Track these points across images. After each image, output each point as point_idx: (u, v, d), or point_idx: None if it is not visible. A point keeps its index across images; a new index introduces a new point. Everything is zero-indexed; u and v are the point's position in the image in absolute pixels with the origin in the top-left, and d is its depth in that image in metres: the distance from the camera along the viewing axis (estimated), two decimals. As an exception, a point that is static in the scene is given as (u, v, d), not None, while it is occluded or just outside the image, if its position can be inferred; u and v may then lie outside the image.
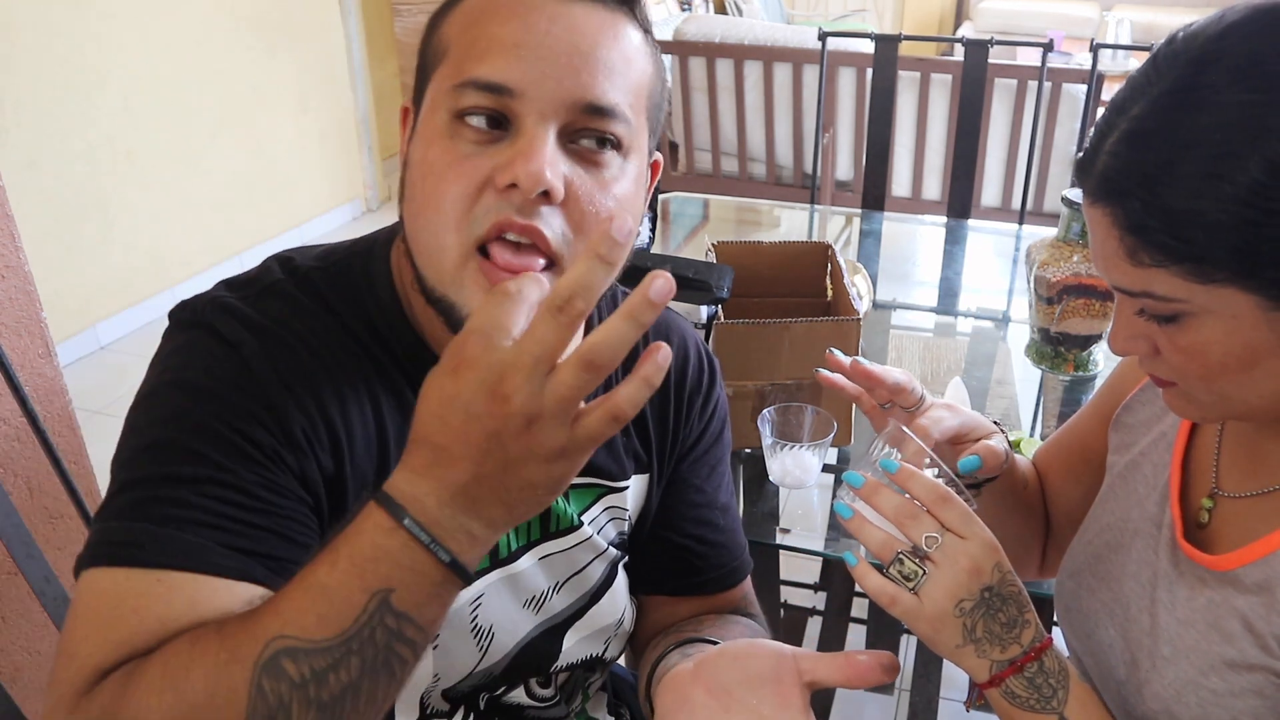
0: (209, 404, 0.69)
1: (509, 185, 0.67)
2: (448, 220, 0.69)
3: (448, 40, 0.72)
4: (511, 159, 0.67)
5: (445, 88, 0.70)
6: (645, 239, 1.77)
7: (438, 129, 0.70)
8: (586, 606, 0.89)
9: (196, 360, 0.71)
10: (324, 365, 0.73)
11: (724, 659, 0.74)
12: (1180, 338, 0.69)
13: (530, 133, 0.68)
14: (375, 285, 0.78)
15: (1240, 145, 0.61)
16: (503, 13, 0.69)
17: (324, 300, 0.76)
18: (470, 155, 0.68)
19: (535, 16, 0.68)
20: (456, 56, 0.70)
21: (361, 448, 0.74)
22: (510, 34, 0.68)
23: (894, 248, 2.27)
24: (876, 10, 6.63)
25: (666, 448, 0.93)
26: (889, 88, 2.30)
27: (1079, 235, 1.48)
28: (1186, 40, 0.66)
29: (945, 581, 0.73)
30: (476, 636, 0.82)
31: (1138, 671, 0.80)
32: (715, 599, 0.98)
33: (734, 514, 1.00)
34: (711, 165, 3.74)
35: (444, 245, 0.69)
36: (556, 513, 0.84)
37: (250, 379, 0.70)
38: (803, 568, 2.16)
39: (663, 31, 4.24)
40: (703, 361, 0.96)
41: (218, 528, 0.66)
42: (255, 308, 0.74)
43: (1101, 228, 0.69)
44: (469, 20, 0.71)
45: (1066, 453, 1.03)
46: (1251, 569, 0.74)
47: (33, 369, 1.40)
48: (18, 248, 1.36)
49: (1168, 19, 5.78)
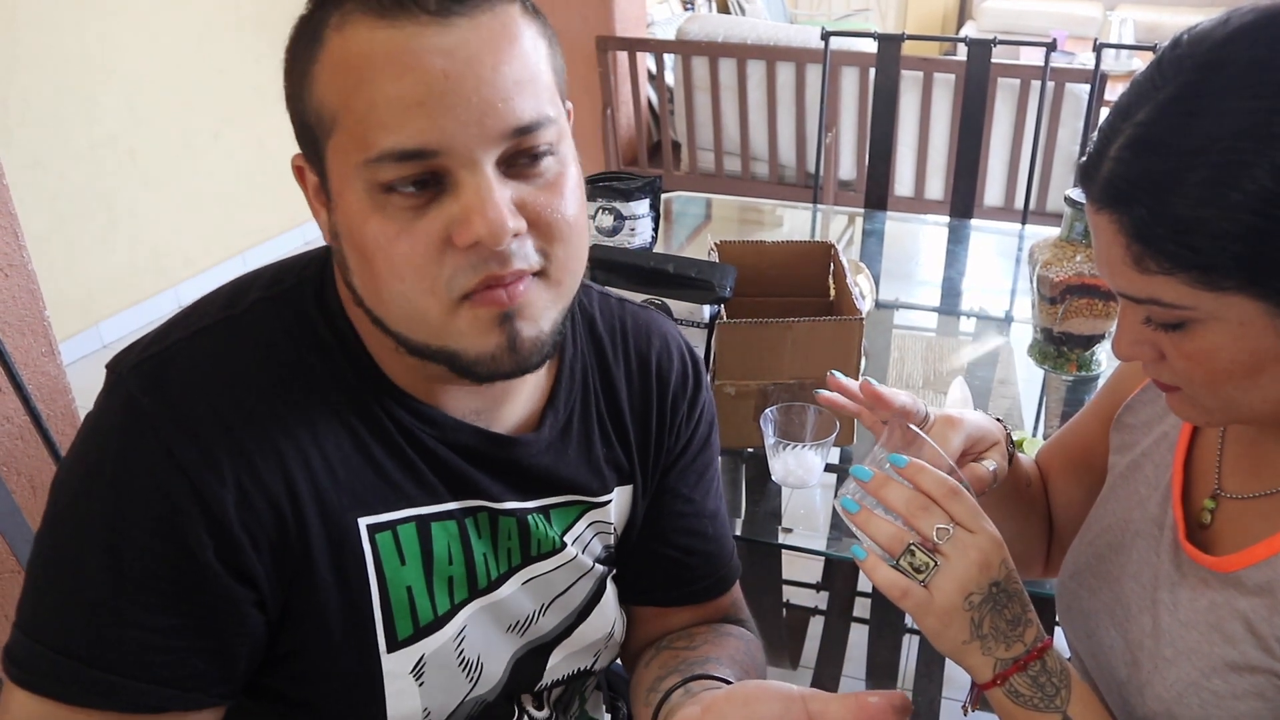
0: (125, 544, 0.67)
1: (473, 244, 0.64)
2: (416, 288, 0.66)
3: (331, 106, 0.65)
4: (465, 216, 0.64)
5: (355, 162, 0.64)
6: (648, 238, 1.77)
7: (364, 204, 0.65)
8: (574, 625, 0.88)
9: (117, 474, 0.67)
10: (261, 415, 0.70)
11: (731, 704, 0.71)
12: (1186, 344, 0.69)
13: (471, 183, 0.64)
14: (331, 317, 0.74)
15: (1248, 152, 0.61)
16: (389, 68, 0.62)
17: (269, 337, 0.73)
18: (414, 221, 0.65)
19: (427, 60, 0.62)
20: (353, 126, 0.64)
21: (315, 483, 0.71)
22: (408, 91, 0.62)
23: (897, 247, 2.27)
24: (879, 10, 6.63)
25: (650, 457, 0.90)
26: (892, 87, 2.29)
27: (1082, 235, 1.48)
28: (1192, 44, 0.65)
29: (956, 574, 0.73)
30: (465, 669, 0.80)
31: (1139, 672, 0.80)
32: (705, 607, 0.96)
33: (723, 519, 0.98)
34: (714, 165, 3.74)
35: (423, 309, 0.67)
36: (537, 536, 0.82)
37: (172, 479, 0.66)
38: (805, 567, 2.16)
39: (666, 31, 4.24)
40: (687, 365, 0.92)
41: (139, 664, 0.67)
42: (182, 364, 0.70)
43: (1107, 234, 0.68)
44: (350, 81, 0.63)
45: (1067, 453, 1.03)
46: (1254, 570, 0.74)
47: (36, 367, 1.40)
48: (21, 246, 1.37)
49: (1171, 19, 5.77)
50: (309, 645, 0.74)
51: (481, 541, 0.80)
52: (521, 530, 0.82)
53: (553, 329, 0.71)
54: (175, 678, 0.68)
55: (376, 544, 0.74)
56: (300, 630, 0.73)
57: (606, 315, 0.89)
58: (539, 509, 0.83)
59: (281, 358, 0.72)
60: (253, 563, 0.69)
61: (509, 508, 0.80)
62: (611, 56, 3.62)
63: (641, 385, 0.89)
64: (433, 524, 0.77)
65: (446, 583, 0.78)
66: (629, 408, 0.88)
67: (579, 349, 0.86)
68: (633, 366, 0.88)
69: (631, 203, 1.73)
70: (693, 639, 0.93)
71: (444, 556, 0.77)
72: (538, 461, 0.81)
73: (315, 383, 0.73)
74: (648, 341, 0.90)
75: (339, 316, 0.74)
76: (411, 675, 0.77)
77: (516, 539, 0.82)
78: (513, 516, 0.81)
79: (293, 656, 0.74)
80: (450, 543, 0.78)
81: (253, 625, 0.71)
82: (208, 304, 0.75)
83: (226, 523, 0.67)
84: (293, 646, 0.74)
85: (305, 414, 0.72)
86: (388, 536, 0.75)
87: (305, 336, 0.73)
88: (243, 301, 0.74)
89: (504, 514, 0.80)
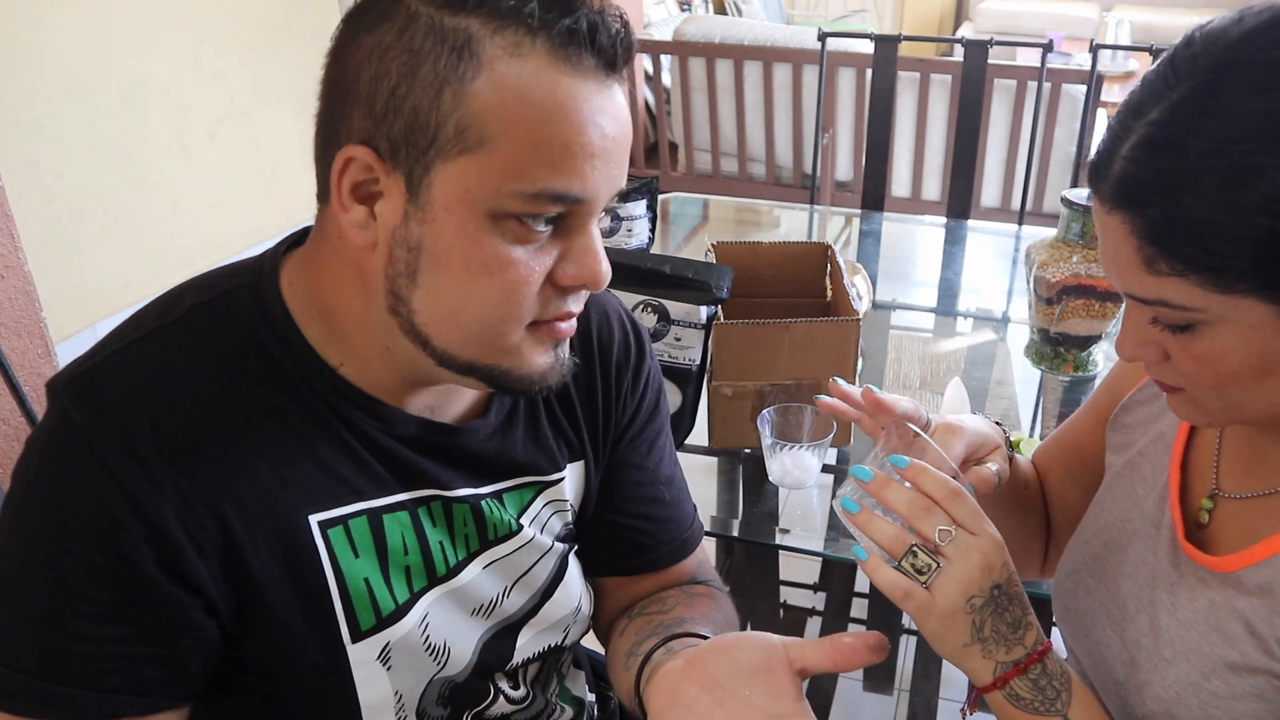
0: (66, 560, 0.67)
1: (579, 286, 0.71)
2: (506, 312, 0.70)
3: (489, 126, 0.64)
4: (584, 259, 0.70)
5: (498, 188, 0.65)
6: (645, 239, 1.77)
7: (481, 225, 0.67)
8: (540, 604, 0.89)
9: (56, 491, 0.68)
10: (199, 422, 0.70)
11: (714, 653, 0.75)
12: (1194, 346, 0.69)
13: (591, 232, 0.71)
14: (273, 319, 0.74)
15: (1264, 154, 0.60)
16: (573, 117, 0.65)
17: (206, 342, 0.73)
18: (528, 255, 0.68)
19: (602, 119, 0.67)
20: (514, 155, 0.65)
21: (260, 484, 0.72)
22: (588, 145, 0.66)
23: (894, 248, 2.27)
24: (876, 10, 6.63)
25: (599, 431, 0.91)
26: (889, 88, 2.30)
27: (1078, 236, 1.48)
28: (1206, 43, 0.65)
29: (958, 576, 0.73)
30: (431, 653, 0.81)
31: (1138, 673, 0.80)
32: (670, 571, 0.98)
33: (679, 484, 0.99)
34: (711, 165, 3.75)
35: (501, 332, 0.71)
36: (492, 521, 0.83)
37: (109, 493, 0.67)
38: (802, 568, 2.16)
39: (663, 31, 4.24)
40: (629, 336, 0.93)
41: (90, 674, 0.68)
42: (115, 376, 0.70)
43: (1117, 235, 0.67)
44: (527, 116, 0.64)
45: (1064, 453, 1.03)
46: (1253, 570, 0.74)
47: (32, 369, 1.40)
48: (17, 247, 1.37)
49: (1167, 20, 5.79)
50: (274, 643, 0.75)
51: (437, 530, 0.81)
52: (476, 516, 0.83)
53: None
54: (127, 685, 0.69)
55: (329, 539, 0.75)
56: (262, 630, 0.74)
57: None
58: (492, 494, 0.84)
59: (218, 363, 0.72)
60: (197, 569, 0.69)
61: (462, 494, 0.82)
62: (608, 57, 3.62)
63: (584, 360, 0.90)
64: (384, 515, 0.78)
65: (404, 572, 0.79)
66: (574, 384, 0.89)
67: None
68: (575, 342, 0.89)
69: (628, 203, 1.73)
70: (664, 602, 0.94)
71: (399, 547, 0.79)
72: (485, 446, 0.83)
73: (255, 385, 0.73)
74: (586, 315, 0.90)
75: (281, 320, 0.74)
76: (379, 661, 0.78)
77: (473, 525, 0.83)
78: (466, 503, 0.82)
79: (259, 654, 0.75)
80: (404, 533, 0.79)
81: (202, 630, 0.72)
82: (141, 316, 0.75)
83: (167, 532, 0.68)
84: (257, 646, 0.75)
85: (246, 417, 0.72)
86: (339, 531, 0.76)
87: (243, 340, 0.73)
88: (176, 310, 0.74)
89: (457, 501, 0.82)
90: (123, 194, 3.28)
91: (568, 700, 0.99)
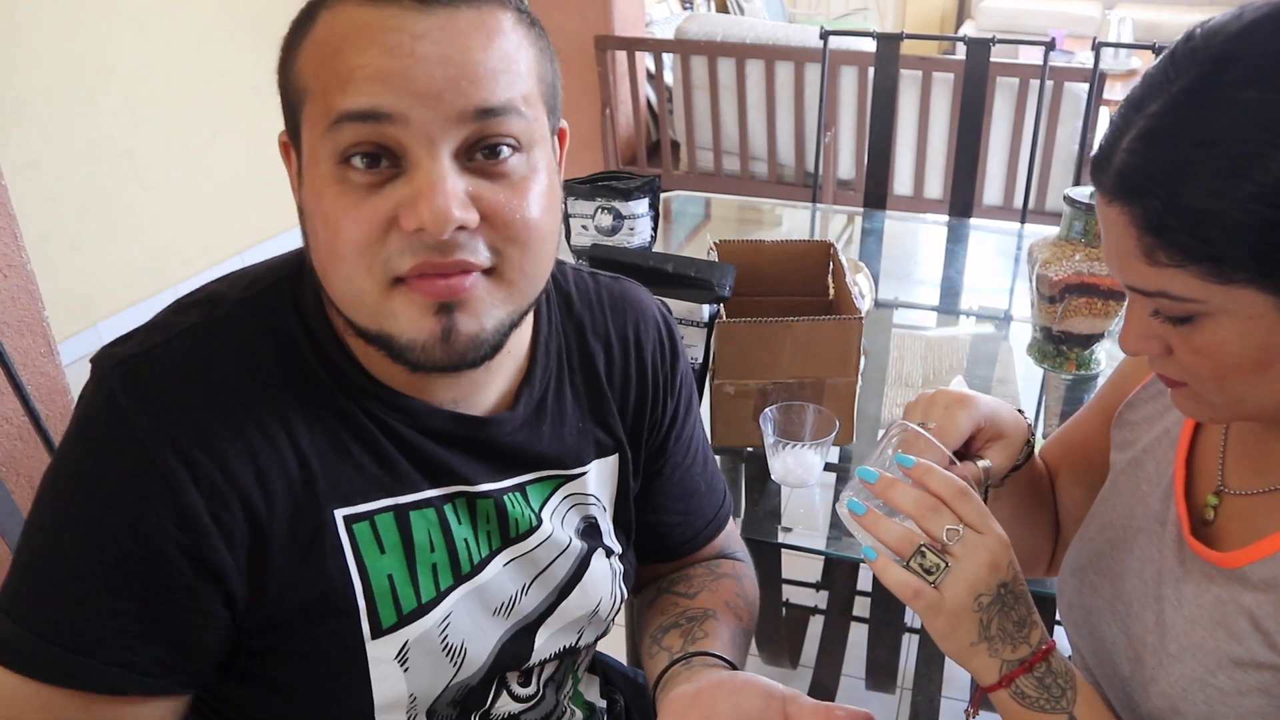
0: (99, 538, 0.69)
1: (416, 229, 0.65)
2: (357, 267, 0.67)
3: (305, 77, 0.68)
4: (413, 198, 0.65)
5: (319, 130, 0.66)
6: (647, 238, 1.77)
7: (324, 176, 0.67)
8: (556, 602, 0.89)
9: (96, 469, 0.70)
10: (237, 418, 0.72)
11: (721, 691, 0.78)
12: (1195, 338, 0.69)
13: (425, 165, 0.65)
14: (305, 314, 0.76)
15: (1261, 144, 0.61)
16: (360, 41, 0.65)
17: (246, 339, 0.74)
18: (365, 198, 0.66)
19: (397, 38, 0.64)
20: (320, 93, 0.66)
21: (290, 480, 0.73)
22: (373, 60, 0.64)
23: (896, 246, 2.27)
24: (878, 9, 6.63)
25: (635, 427, 0.93)
26: (891, 86, 2.29)
27: (1081, 234, 1.48)
28: (1205, 37, 0.65)
29: (966, 575, 0.73)
30: (448, 654, 0.81)
31: (1143, 669, 0.80)
32: (702, 551, 1.02)
33: (712, 464, 1.03)
34: (713, 164, 3.75)
35: (361, 289, 0.68)
36: (514, 516, 0.84)
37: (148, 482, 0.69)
38: (804, 566, 2.16)
39: (664, 30, 4.24)
40: (663, 333, 0.94)
41: (104, 649, 0.70)
42: (162, 367, 0.72)
43: (1118, 227, 0.68)
44: (325, 53, 0.66)
45: (1069, 450, 1.03)
46: (1259, 566, 0.74)
47: (35, 368, 1.40)
48: (20, 247, 1.37)
49: (1170, 17, 5.78)
50: (293, 634, 0.76)
51: (462, 527, 0.81)
52: (499, 512, 0.83)
53: (496, 328, 0.71)
54: (136, 663, 0.70)
55: (354, 534, 0.76)
56: (282, 621, 0.75)
57: (583, 291, 0.91)
58: (514, 487, 0.84)
59: (257, 361, 0.74)
60: (224, 560, 0.71)
61: (485, 489, 0.82)
62: (610, 56, 3.63)
63: (621, 358, 0.91)
64: (411, 512, 0.78)
65: (430, 569, 0.80)
66: (608, 381, 0.90)
67: (554, 326, 0.87)
68: (612, 340, 0.91)
69: (630, 202, 1.73)
70: (690, 584, 0.99)
71: (425, 544, 0.79)
72: (511, 439, 0.83)
73: (288, 382, 0.74)
74: (624, 314, 0.91)
75: (313, 314, 0.76)
76: (396, 661, 0.78)
77: (495, 521, 0.83)
78: (489, 498, 0.82)
79: (277, 644, 0.76)
80: (430, 530, 0.79)
81: (218, 621, 0.73)
82: (188, 306, 0.77)
83: (198, 522, 0.69)
84: (276, 637, 0.76)
85: (281, 415, 0.73)
86: (365, 527, 0.76)
87: (281, 338, 0.75)
88: (221, 305, 0.76)
89: (481, 496, 0.82)
90: (124, 193, 3.28)
91: (579, 704, 0.99)
